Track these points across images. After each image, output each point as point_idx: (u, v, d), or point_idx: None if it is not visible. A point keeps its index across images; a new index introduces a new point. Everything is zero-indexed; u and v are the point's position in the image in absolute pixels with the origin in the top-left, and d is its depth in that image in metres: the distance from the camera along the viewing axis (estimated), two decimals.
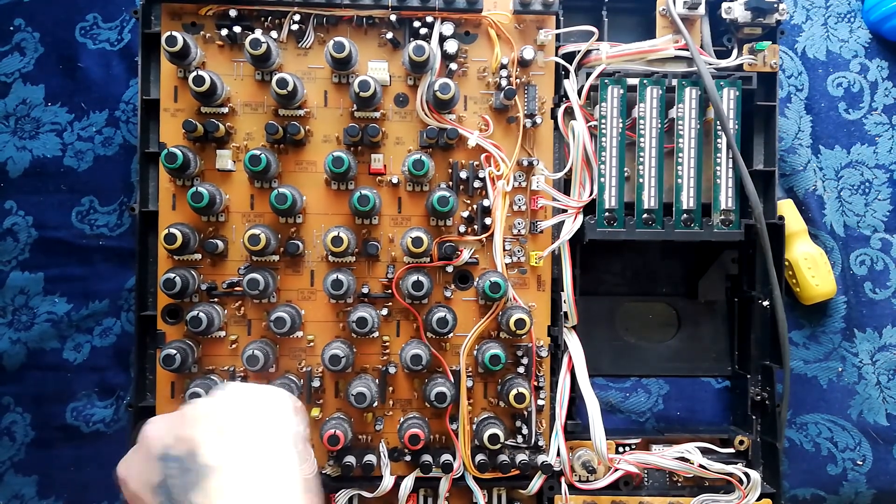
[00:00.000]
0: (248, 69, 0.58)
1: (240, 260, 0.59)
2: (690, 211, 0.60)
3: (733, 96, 0.61)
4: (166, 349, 0.56)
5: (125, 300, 0.66)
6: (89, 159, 0.66)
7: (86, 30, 0.67)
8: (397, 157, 0.59)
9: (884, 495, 0.70)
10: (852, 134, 0.71)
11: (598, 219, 0.60)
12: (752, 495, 0.60)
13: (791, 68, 0.71)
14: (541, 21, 0.60)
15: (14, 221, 0.65)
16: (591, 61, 0.61)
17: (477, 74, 0.60)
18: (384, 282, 0.59)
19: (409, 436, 0.56)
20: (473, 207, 0.59)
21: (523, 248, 0.60)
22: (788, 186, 0.71)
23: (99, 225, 0.66)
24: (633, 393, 0.70)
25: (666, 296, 0.68)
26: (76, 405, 0.66)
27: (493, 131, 0.60)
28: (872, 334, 0.71)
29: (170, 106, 0.58)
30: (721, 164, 0.61)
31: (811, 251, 0.67)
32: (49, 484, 0.65)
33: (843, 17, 0.72)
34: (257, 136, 0.59)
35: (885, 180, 0.71)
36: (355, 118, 0.59)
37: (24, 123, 0.66)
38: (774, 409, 0.62)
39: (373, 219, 0.59)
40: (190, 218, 0.58)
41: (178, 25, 0.58)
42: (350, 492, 0.59)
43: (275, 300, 0.59)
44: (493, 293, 0.57)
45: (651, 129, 0.60)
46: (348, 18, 0.59)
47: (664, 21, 0.62)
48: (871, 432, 0.70)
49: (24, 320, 0.65)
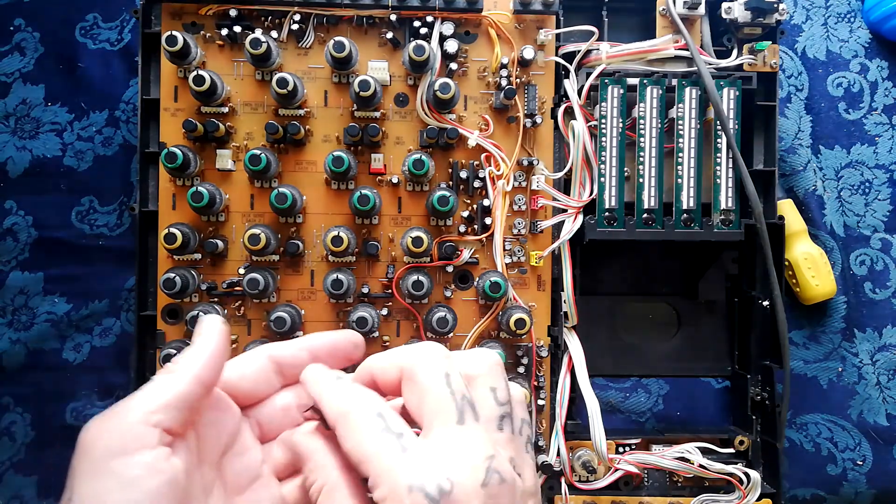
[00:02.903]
0: (249, 69, 0.58)
1: (240, 260, 0.59)
2: (690, 211, 0.60)
3: (733, 96, 0.61)
4: (166, 349, 0.56)
5: (125, 300, 0.66)
6: (89, 159, 0.66)
7: (86, 30, 0.67)
8: (397, 157, 0.59)
9: (884, 495, 0.70)
10: (852, 134, 0.71)
11: (598, 219, 0.60)
12: (752, 495, 0.60)
13: (791, 68, 0.71)
14: (541, 21, 0.60)
15: (14, 221, 0.65)
16: (591, 61, 0.61)
17: (477, 74, 0.60)
18: (384, 282, 0.59)
19: None
20: (473, 207, 0.59)
21: (523, 248, 0.60)
22: (788, 186, 0.71)
23: (99, 225, 0.66)
24: (633, 393, 0.70)
25: (666, 296, 0.68)
26: (76, 405, 0.66)
27: (493, 131, 0.60)
28: (872, 334, 0.71)
29: (170, 106, 0.58)
30: (721, 164, 0.61)
31: (811, 251, 0.67)
32: (49, 484, 0.65)
33: (843, 17, 0.72)
34: (257, 135, 0.59)
35: (885, 180, 0.71)
36: (355, 118, 0.59)
37: (24, 123, 0.66)
38: (774, 409, 0.62)
39: (373, 219, 0.59)
40: (190, 218, 0.58)
41: (178, 25, 0.58)
42: None
43: (275, 300, 0.59)
44: (493, 293, 0.57)
45: (651, 129, 0.60)
46: (348, 18, 0.59)
47: (664, 21, 0.62)
48: (871, 432, 0.70)
49: (24, 320, 0.65)
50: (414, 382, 0.34)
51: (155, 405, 0.32)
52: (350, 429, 0.33)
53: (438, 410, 0.33)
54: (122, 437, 0.31)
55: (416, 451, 0.31)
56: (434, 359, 0.34)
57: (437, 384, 0.33)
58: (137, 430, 0.31)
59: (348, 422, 0.33)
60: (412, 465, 0.31)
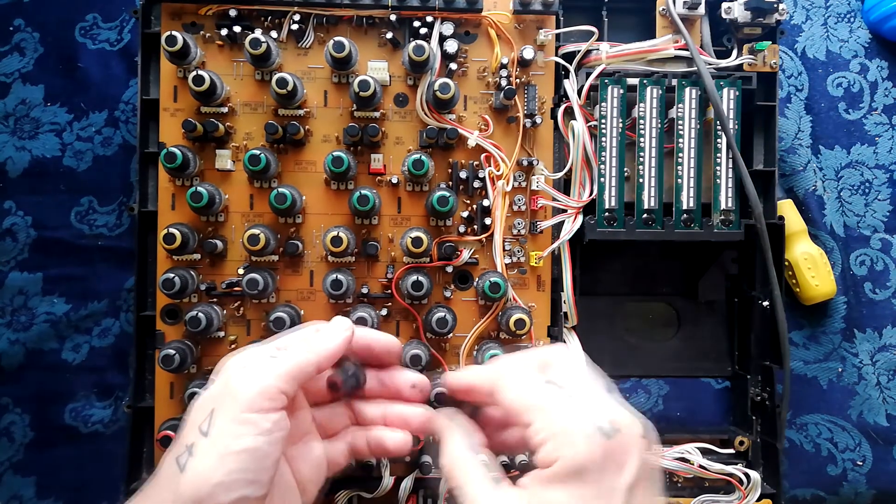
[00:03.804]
0: (248, 69, 0.58)
1: (239, 260, 0.59)
2: (690, 211, 0.60)
3: (733, 96, 0.61)
4: (165, 349, 0.56)
5: (124, 300, 0.66)
6: (89, 159, 0.66)
7: (86, 30, 0.67)
8: (397, 157, 0.59)
9: (884, 495, 0.70)
10: (852, 134, 0.71)
11: (598, 219, 0.60)
12: (752, 496, 0.60)
13: (791, 68, 0.71)
14: (541, 21, 0.60)
15: (13, 221, 0.65)
16: (591, 61, 0.61)
17: (477, 74, 0.60)
18: (384, 282, 0.59)
19: None
20: (473, 207, 0.59)
21: (523, 248, 0.60)
22: (788, 186, 0.71)
23: (98, 225, 0.66)
24: (633, 393, 0.70)
25: (666, 296, 0.68)
26: (75, 406, 0.65)
27: (493, 131, 0.60)
28: (872, 334, 0.71)
29: (169, 106, 0.58)
30: (721, 164, 0.61)
31: (811, 251, 0.67)
32: (48, 484, 0.65)
33: (843, 17, 0.72)
34: (257, 135, 0.59)
35: (885, 180, 0.71)
36: (355, 118, 0.59)
37: (23, 123, 0.66)
38: (774, 409, 0.62)
39: (372, 219, 0.59)
40: (189, 218, 0.58)
41: (177, 25, 0.58)
42: (350, 492, 0.59)
43: (274, 300, 0.59)
44: (493, 293, 0.57)
45: (651, 129, 0.60)
46: (348, 18, 0.59)
47: (664, 21, 0.62)
48: (871, 433, 0.70)
49: (23, 321, 0.65)
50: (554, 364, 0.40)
51: (288, 374, 0.39)
52: (510, 383, 0.39)
53: (586, 379, 0.38)
54: (263, 395, 0.38)
55: (580, 399, 0.36)
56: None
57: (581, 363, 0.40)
58: (275, 393, 0.38)
59: (508, 378, 0.39)
60: (579, 409, 0.36)
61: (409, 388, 0.46)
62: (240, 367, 0.40)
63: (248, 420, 0.37)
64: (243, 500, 0.36)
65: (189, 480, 0.36)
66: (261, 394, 0.38)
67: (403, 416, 0.45)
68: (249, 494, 0.37)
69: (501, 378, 0.40)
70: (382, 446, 0.45)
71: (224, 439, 0.37)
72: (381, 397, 0.46)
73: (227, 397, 0.38)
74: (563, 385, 0.37)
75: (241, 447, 0.37)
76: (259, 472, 0.37)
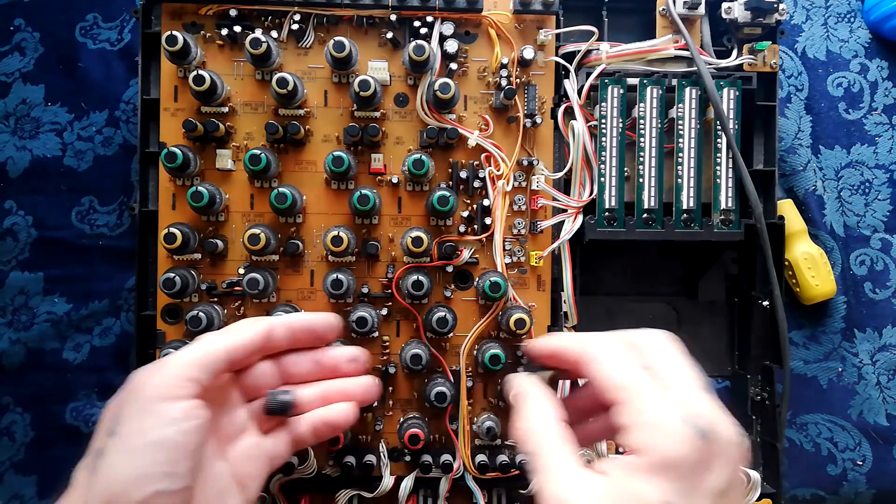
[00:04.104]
0: (248, 69, 0.58)
1: (239, 260, 0.59)
2: (690, 211, 0.60)
3: (733, 96, 0.61)
4: (166, 349, 0.56)
5: (125, 300, 0.66)
6: (89, 159, 0.66)
7: (86, 30, 0.67)
8: (397, 157, 0.59)
9: (884, 495, 0.70)
10: (852, 134, 0.71)
11: (598, 219, 0.60)
12: (752, 495, 0.60)
13: (791, 68, 0.71)
14: (541, 21, 0.60)
15: (14, 221, 0.65)
16: (591, 61, 0.61)
17: (477, 74, 0.60)
18: (384, 282, 0.59)
19: (408, 436, 0.56)
20: (473, 207, 0.59)
21: (523, 248, 0.60)
22: (788, 186, 0.71)
23: (99, 225, 0.66)
24: None
25: (666, 296, 0.68)
26: (76, 405, 0.66)
27: (493, 131, 0.60)
28: (872, 334, 0.71)
29: (170, 105, 0.58)
30: (721, 164, 0.61)
31: (811, 251, 0.67)
32: (49, 484, 0.65)
33: (843, 17, 0.72)
34: (257, 135, 0.59)
35: (885, 180, 0.71)
36: (355, 118, 0.59)
37: (23, 123, 0.66)
38: (774, 409, 0.62)
39: (373, 218, 0.59)
40: (190, 218, 0.58)
41: (178, 25, 0.58)
42: (350, 492, 0.59)
43: (274, 300, 0.59)
44: (493, 293, 0.57)
45: (651, 129, 0.60)
46: (348, 18, 0.59)
47: (664, 21, 0.62)
48: (871, 432, 0.70)
49: (24, 320, 0.65)
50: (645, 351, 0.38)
51: (193, 362, 0.39)
52: (604, 356, 0.37)
53: (686, 372, 0.37)
54: (168, 384, 0.38)
55: (678, 392, 0.35)
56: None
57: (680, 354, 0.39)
58: (180, 381, 0.38)
59: (602, 351, 0.37)
60: (677, 402, 0.34)
61: (346, 362, 0.46)
62: (142, 369, 0.40)
63: (154, 410, 0.37)
64: (160, 494, 0.35)
65: (100, 482, 0.36)
66: (165, 383, 0.38)
67: (343, 390, 0.46)
68: (165, 488, 0.35)
69: (594, 348, 0.38)
70: (327, 423, 0.45)
71: (132, 436, 0.37)
72: (320, 377, 0.46)
73: (131, 395, 0.38)
74: (661, 373, 0.36)
75: (150, 439, 0.36)
76: (173, 463, 0.36)
